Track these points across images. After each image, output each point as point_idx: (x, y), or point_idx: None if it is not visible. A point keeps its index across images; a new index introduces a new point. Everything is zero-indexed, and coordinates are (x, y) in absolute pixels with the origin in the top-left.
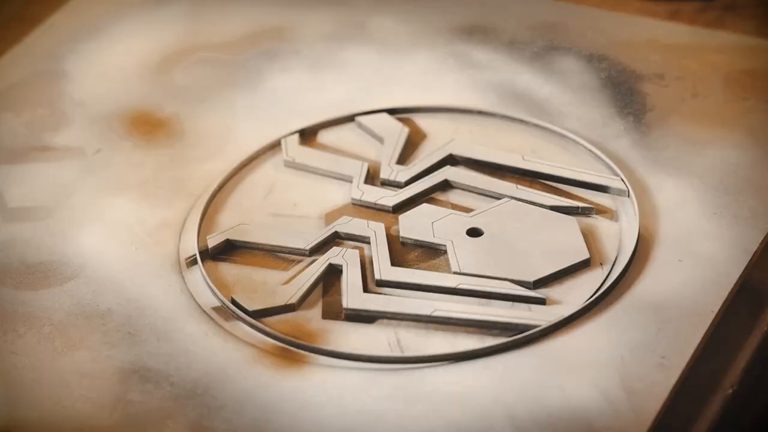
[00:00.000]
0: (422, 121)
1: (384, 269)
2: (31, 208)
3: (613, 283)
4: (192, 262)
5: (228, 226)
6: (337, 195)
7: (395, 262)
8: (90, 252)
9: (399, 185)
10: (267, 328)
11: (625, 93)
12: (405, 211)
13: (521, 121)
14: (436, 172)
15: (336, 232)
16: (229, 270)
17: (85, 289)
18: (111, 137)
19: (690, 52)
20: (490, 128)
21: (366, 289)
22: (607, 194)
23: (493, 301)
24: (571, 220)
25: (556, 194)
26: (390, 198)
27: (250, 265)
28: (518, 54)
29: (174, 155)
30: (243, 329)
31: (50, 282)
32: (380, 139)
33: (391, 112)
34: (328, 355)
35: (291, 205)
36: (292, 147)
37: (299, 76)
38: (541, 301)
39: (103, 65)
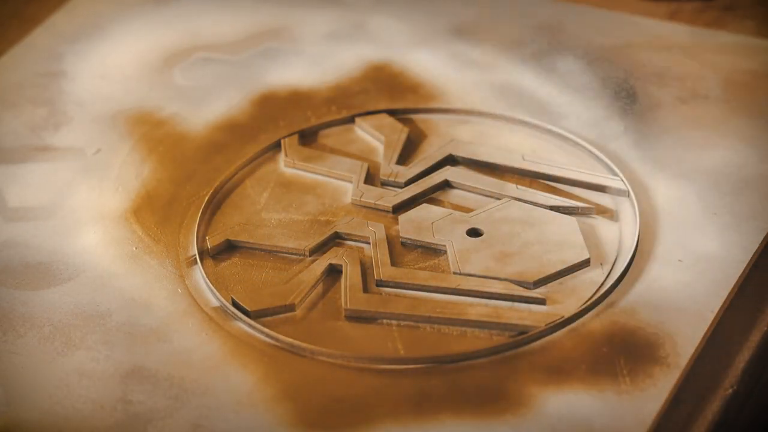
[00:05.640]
0: (422, 121)
1: (384, 269)
2: (31, 208)
3: (613, 283)
4: (192, 262)
5: (228, 226)
6: (337, 195)
7: (395, 262)
8: (90, 252)
9: (399, 185)
10: (266, 329)
11: (625, 93)
12: (405, 212)
13: (521, 121)
14: (436, 172)
15: (336, 232)
16: (229, 270)
17: (85, 289)
18: (111, 137)
19: (690, 52)
20: (490, 128)
21: (366, 289)
22: (607, 194)
23: (493, 301)
24: (571, 220)
25: (556, 194)
26: (390, 198)
27: (250, 265)
28: (518, 54)
29: (173, 155)
30: (243, 329)
31: (50, 282)
32: (380, 139)
33: (391, 112)
34: (328, 355)
35: (291, 205)
36: (292, 147)
37: (299, 76)
38: (541, 302)
39: (103, 65)
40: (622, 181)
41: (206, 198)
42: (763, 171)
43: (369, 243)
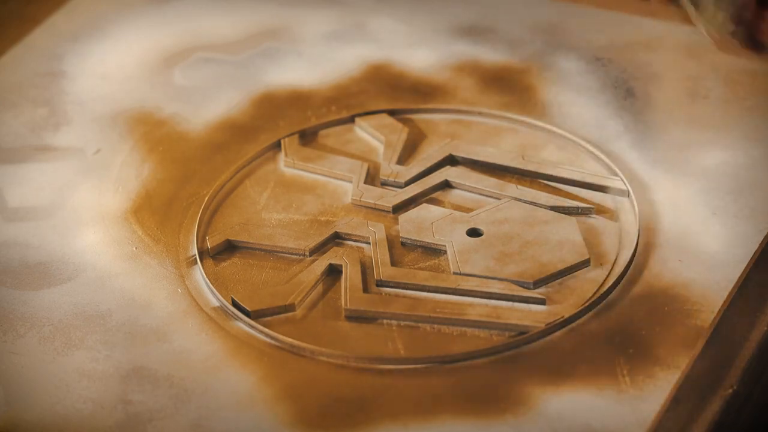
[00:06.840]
0: (422, 121)
1: (384, 269)
2: (31, 208)
3: (613, 283)
4: (192, 262)
5: (228, 226)
6: (337, 195)
7: (395, 262)
8: (90, 252)
9: (399, 185)
10: (266, 329)
11: (625, 93)
12: (405, 212)
13: (521, 121)
14: (436, 172)
15: (336, 232)
16: (229, 270)
17: (85, 289)
18: (111, 137)
19: (690, 52)
20: (490, 128)
21: (366, 289)
22: (607, 194)
23: (493, 301)
24: (571, 220)
25: (556, 194)
26: (390, 198)
27: (250, 265)
28: (518, 54)
29: (173, 155)
30: (243, 329)
31: (50, 282)
32: (380, 139)
33: (391, 112)
34: (328, 355)
35: (291, 205)
36: (292, 147)
37: (299, 76)
38: (541, 302)
39: (103, 65)
40: (622, 181)
41: (206, 198)
42: (764, 171)
43: (369, 243)
